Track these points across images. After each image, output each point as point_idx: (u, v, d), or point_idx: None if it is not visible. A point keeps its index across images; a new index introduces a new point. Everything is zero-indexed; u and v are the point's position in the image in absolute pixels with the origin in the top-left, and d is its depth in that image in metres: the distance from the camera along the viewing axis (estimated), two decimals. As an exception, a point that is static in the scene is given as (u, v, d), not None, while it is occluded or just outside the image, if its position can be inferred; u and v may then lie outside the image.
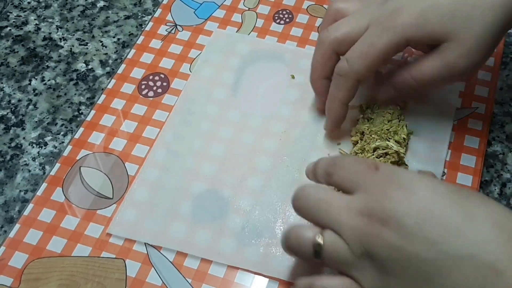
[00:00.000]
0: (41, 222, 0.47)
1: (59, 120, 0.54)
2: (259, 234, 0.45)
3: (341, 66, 0.45)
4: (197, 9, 0.61)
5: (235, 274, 0.44)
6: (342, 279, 0.36)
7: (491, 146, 0.51)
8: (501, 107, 0.53)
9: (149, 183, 0.48)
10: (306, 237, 0.37)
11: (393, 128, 0.48)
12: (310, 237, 0.36)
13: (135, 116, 0.53)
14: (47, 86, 0.56)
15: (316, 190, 0.38)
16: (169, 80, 0.55)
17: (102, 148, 0.51)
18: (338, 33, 0.46)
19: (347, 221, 0.35)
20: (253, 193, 0.48)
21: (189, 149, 0.50)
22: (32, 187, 0.49)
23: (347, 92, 0.46)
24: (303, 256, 0.38)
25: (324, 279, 0.37)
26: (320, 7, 0.60)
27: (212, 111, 0.53)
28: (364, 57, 0.44)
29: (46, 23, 0.61)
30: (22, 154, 0.51)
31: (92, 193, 0.48)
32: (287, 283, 0.43)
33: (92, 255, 0.45)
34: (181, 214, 0.47)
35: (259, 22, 0.59)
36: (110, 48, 0.59)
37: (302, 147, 0.50)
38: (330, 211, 0.36)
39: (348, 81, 0.45)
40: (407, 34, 0.43)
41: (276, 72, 0.55)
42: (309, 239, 0.36)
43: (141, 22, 0.61)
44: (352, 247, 0.35)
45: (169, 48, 0.58)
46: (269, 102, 0.53)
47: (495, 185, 0.49)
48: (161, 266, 0.44)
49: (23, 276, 0.44)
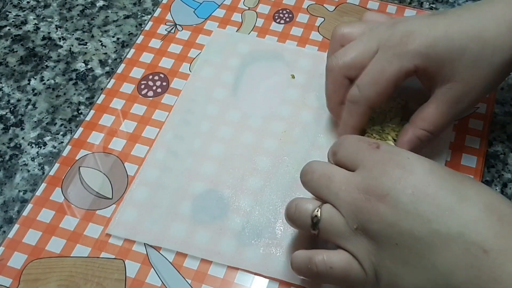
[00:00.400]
0: (40, 222, 0.47)
1: (58, 120, 0.53)
2: (259, 234, 0.45)
3: (353, 93, 0.45)
4: (197, 8, 0.61)
5: (235, 275, 0.44)
6: (340, 253, 0.38)
7: (492, 146, 0.51)
8: (502, 107, 0.53)
9: (148, 183, 0.48)
10: (305, 209, 0.39)
11: (393, 126, 0.48)
12: (309, 209, 0.38)
13: (135, 116, 0.53)
14: (46, 86, 0.56)
15: (321, 165, 0.40)
16: (169, 80, 0.55)
17: (101, 148, 0.51)
18: (347, 58, 0.45)
19: (344, 195, 0.37)
20: (253, 193, 0.47)
21: (189, 149, 0.50)
22: (31, 187, 0.49)
23: (359, 118, 0.45)
24: (301, 227, 0.39)
25: (324, 252, 0.38)
26: (320, 7, 0.60)
27: (212, 111, 0.53)
28: (374, 84, 0.44)
29: (45, 23, 0.61)
30: (21, 154, 0.51)
31: (92, 193, 0.48)
32: (287, 284, 0.43)
33: (92, 255, 0.45)
34: (181, 215, 0.46)
35: (259, 21, 0.59)
36: (109, 48, 0.59)
37: (302, 147, 0.50)
38: (331, 186, 0.38)
39: (360, 108, 0.45)
40: (417, 63, 0.43)
41: (276, 72, 0.55)
42: (308, 211, 0.38)
43: (140, 22, 0.61)
44: (348, 221, 0.37)
45: (168, 47, 0.58)
46: (269, 102, 0.53)
47: (496, 185, 0.48)
48: (161, 267, 0.44)
49: (22, 276, 0.44)
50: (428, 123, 0.45)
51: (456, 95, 0.43)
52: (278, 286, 0.43)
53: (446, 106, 0.44)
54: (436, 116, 0.44)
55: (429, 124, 0.45)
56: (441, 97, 0.44)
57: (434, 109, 0.44)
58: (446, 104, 0.44)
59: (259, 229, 0.46)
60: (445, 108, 0.44)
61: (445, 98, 0.44)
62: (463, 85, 0.43)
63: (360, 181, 0.37)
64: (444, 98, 0.44)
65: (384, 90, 0.44)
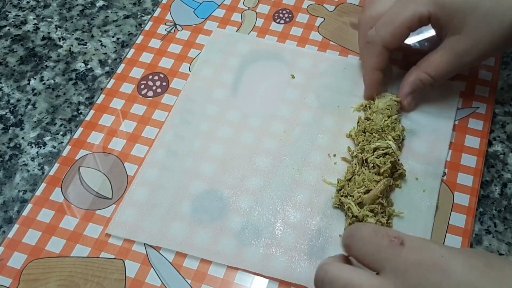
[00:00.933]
0: (40, 222, 0.47)
1: (58, 120, 0.53)
2: (259, 234, 0.45)
3: (370, 33, 0.48)
4: (197, 8, 0.61)
5: (235, 275, 0.44)
6: None
7: (492, 146, 0.51)
8: (502, 107, 0.53)
9: (148, 183, 0.48)
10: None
11: (392, 125, 0.48)
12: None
13: (135, 116, 0.53)
14: (46, 86, 0.56)
15: (341, 271, 0.35)
16: (169, 80, 0.55)
17: (101, 148, 0.51)
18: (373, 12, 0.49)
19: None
20: (253, 193, 0.47)
21: (188, 149, 0.50)
22: (31, 187, 0.49)
23: (376, 58, 0.49)
24: None
25: None
26: (320, 7, 0.60)
27: (212, 111, 0.53)
28: (390, 25, 0.47)
29: (45, 23, 0.61)
30: (21, 154, 0.51)
31: (91, 193, 0.48)
32: (287, 284, 0.43)
33: (91, 255, 0.45)
34: (181, 215, 0.46)
35: (259, 21, 0.59)
36: (109, 48, 0.59)
37: (302, 147, 0.50)
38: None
39: (376, 47, 0.48)
40: (431, 10, 0.45)
41: (276, 72, 0.55)
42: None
43: (140, 22, 0.61)
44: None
45: (168, 47, 0.58)
46: (269, 102, 0.53)
47: (495, 185, 0.48)
48: (161, 267, 0.44)
49: (22, 276, 0.44)
50: (432, 68, 0.47)
51: (463, 47, 0.45)
52: (278, 286, 0.43)
53: (451, 56, 0.46)
54: (440, 63, 0.47)
55: (432, 69, 0.47)
56: (448, 46, 0.46)
57: (440, 57, 0.47)
58: (452, 54, 0.46)
59: (259, 229, 0.46)
60: (451, 57, 0.46)
61: (452, 49, 0.46)
62: (471, 39, 0.45)
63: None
64: (451, 48, 0.46)
65: (398, 31, 0.47)
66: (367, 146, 0.47)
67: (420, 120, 0.51)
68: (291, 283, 0.43)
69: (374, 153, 0.46)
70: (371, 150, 0.47)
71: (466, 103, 0.52)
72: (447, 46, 0.47)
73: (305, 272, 0.43)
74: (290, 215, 0.46)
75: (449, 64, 0.47)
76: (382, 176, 0.45)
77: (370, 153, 0.46)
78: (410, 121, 0.50)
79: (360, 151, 0.47)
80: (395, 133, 0.48)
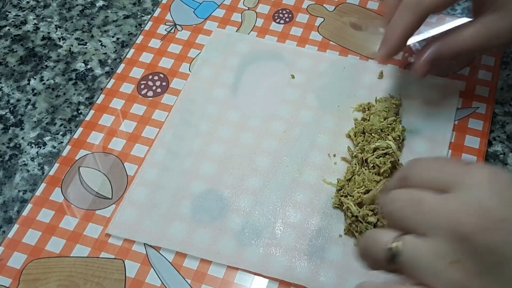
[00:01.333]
0: (40, 222, 0.47)
1: (58, 120, 0.53)
2: (258, 234, 0.45)
3: None
4: (197, 8, 0.61)
5: (235, 275, 0.44)
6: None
7: (492, 146, 0.51)
8: (501, 107, 0.53)
9: (148, 183, 0.48)
10: (380, 240, 0.32)
11: (392, 126, 0.48)
12: (385, 240, 0.31)
13: (135, 116, 0.53)
14: (46, 86, 0.56)
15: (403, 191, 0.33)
16: (169, 80, 0.55)
17: (101, 148, 0.51)
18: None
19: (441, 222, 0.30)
20: (253, 193, 0.47)
21: (188, 149, 0.50)
22: (31, 187, 0.49)
23: (409, 25, 0.46)
24: (375, 262, 0.33)
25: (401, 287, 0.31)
26: (320, 7, 0.60)
27: (212, 111, 0.53)
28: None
29: (45, 23, 0.61)
30: (21, 154, 0.51)
31: (91, 193, 0.48)
32: (287, 284, 0.43)
33: (91, 255, 0.45)
34: (181, 214, 0.46)
35: (259, 21, 0.59)
36: (109, 48, 0.59)
37: (302, 147, 0.50)
38: (421, 212, 0.31)
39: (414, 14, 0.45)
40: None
41: (276, 72, 0.55)
42: (384, 243, 0.31)
43: (140, 22, 0.61)
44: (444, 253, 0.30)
45: (168, 47, 0.58)
46: (269, 102, 0.53)
47: (495, 185, 0.48)
48: (161, 267, 0.44)
49: (22, 276, 0.44)
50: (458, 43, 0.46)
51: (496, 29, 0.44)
52: (278, 286, 0.43)
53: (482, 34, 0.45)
54: (469, 38, 0.45)
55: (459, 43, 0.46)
56: (483, 24, 0.45)
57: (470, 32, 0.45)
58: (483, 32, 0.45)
59: (258, 229, 0.46)
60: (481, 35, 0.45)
61: (486, 27, 0.45)
62: (505, 17, 0.44)
63: (462, 204, 0.30)
64: (485, 27, 0.45)
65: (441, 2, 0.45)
66: (367, 146, 0.47)
67: (420, 120, 0.51)
68: (291, 283, 0.43)
69: (374, 153, 0.46)
70: (371, 150, 0.47)
71: (466, 103, 0.52)
72: (481, 23, 0.45)
73: (305, 272, 0.43)
74: (290, 215, 0.46)
75: (477, 42, 0.45)
76: (382, 176, 0.45)
77: (370, 153, 0.46)
78: (410, 121, 0.50)
79: (360, 151, 0.47)
80: (395, 133, 0.48)
